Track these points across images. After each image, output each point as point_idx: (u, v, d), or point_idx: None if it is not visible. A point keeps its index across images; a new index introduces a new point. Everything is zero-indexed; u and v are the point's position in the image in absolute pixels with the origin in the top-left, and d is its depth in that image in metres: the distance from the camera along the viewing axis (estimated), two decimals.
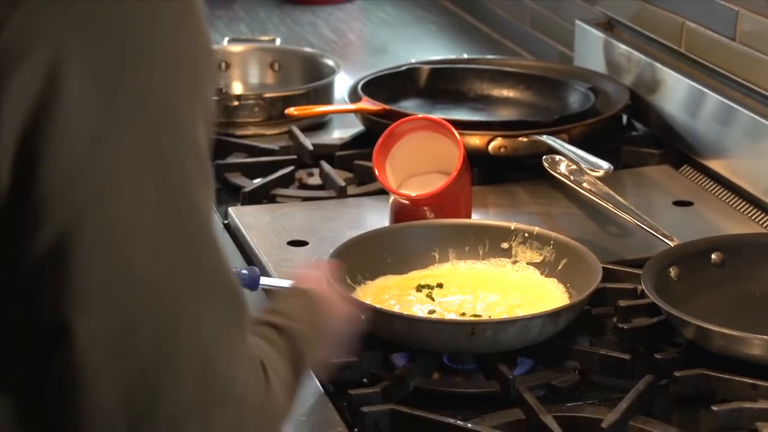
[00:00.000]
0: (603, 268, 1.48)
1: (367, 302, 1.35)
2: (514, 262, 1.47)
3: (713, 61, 1.83)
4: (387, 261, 1.45)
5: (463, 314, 1.37)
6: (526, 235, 1.48)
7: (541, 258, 1.46)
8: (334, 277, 1.25)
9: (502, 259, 1.48)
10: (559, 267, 1.44)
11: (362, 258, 1.42)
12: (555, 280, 1.44)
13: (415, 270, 1.46)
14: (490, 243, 1.48)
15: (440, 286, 1.42)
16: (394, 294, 1.40)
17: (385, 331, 1.32)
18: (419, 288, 1.41)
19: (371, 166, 1.57)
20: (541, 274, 1.45)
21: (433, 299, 1.39)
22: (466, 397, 1.29)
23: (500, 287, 1.42)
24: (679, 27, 1.90)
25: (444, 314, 1.37)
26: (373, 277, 1.43)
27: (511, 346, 1.31)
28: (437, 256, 1.48)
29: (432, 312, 1.37)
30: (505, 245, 1.48)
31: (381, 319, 1.32)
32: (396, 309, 1.37)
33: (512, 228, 1.49)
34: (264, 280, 1.38)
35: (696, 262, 1.44)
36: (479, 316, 1.36)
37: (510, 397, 1.27)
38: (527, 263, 1.47)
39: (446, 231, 1.49)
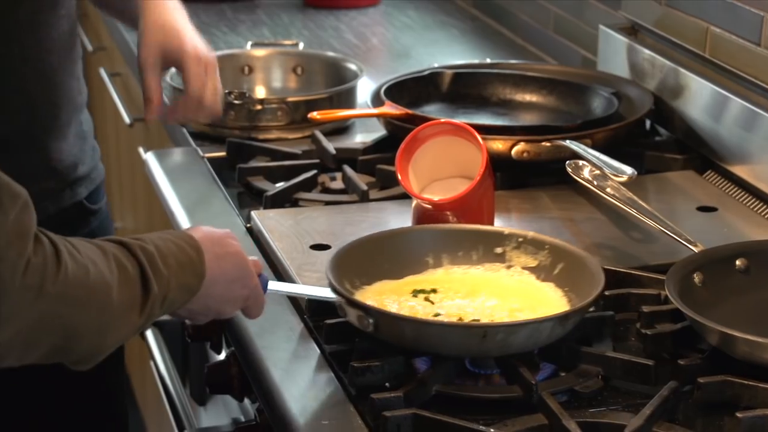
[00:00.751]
0: (626, 274, 1.48)
1: (374, 305, 1.34)
2: (509, 267, 1.47)
3: (738, 66, 1.82)
4: (383, 266, 1.44)
5: (460, 319, 1.36)
6: (520, 239, 1.47)
7: (536, 263, 1.45)
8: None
9: (496, 264, 1.47)
10: (556, 271, 1.43)
11: (359, 263, 1.42)
12: (552, 284, 1.43)
13: (410, 275, 1.45)
14: (484, 248, 1.48)
15: (434, 291, 1.41)
16: (394, 299, 1.40)
17: (393, 336, 1.32)
18: (415, 293, 1.41)
19: (394, 171, 1.57)
20: (537, 278, 1.44)
21: (432, 303, 1.39)
22: (488, 402, 1.28)
23: (497, 292, 1.42)
24: (703, 32, 1.89)
25: (445, 319, 1.36)
26: (370, 282, 1.42)
27: (520, 348, 1.30)
28: (431, 261, 1.47)
29: (437, 315, 1.36)
30: (499, 250, 1.48)
31: (390, 323, 1.31)
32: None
33: (506, 233, 1.48)
34: (273, 285, 1.37)
35: (720, 268, 1.44)
36: (478, 320, 1.35)
37: (532, 403, 1.26)
38: (522, 268, 1.46)
39: (439, 236, 1.48)
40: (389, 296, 1.40)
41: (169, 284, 1.22)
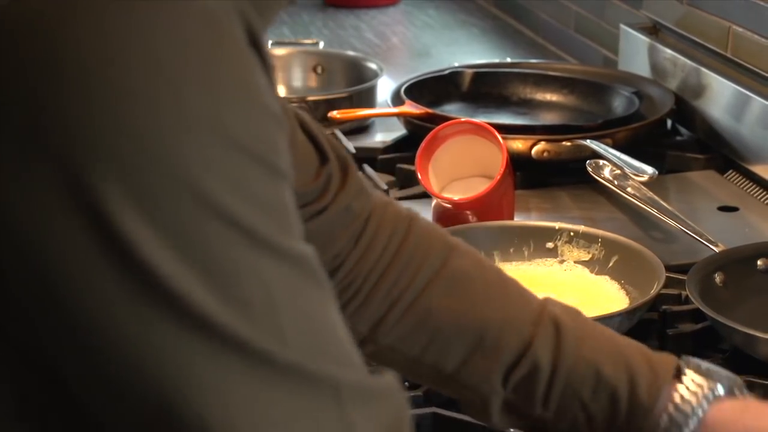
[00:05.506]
0: None
1: None
2: (561, 262, 1.47)
3: (760, 65, 1.81)
4: None
5: None
6: (572, 234, 1.48)
7: (590, 256, 1.46)
8: None
9: (549, 259, 1.48)
10: (610, 264, 1.44)
11: None
12: (607, 277, 1.43)
13: None
14: (535, 243, 1.48)
15: None
16: None
17: None
18: None
19: (414, 170, 1.57)
20: (591, 272, 1.45)
21: None
22: None
23: (554, 287, 1.42)
24: (725, 31, 1.88)
25: None
26: None
27: None
28: None
29: None
30: (550, 245, 1.48)
31: None
32: None
33: (557, 228, 1.49)
34: None
35: (742, 267, 1.43)
36: None
37: None
38: (575, 262, 1.46)
39: (491, 233, 1.49)
40: None
41: None
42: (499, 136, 1.54)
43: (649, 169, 1.62)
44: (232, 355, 0.66)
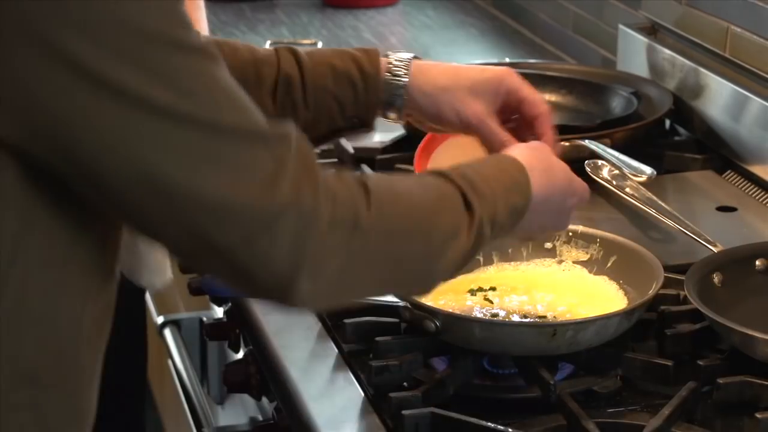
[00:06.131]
0: None
1: (442, 309, 1.34)
2: (560, 262, 1.47)
3: (758, 65, 1.81)
4: None
5: (525, 316, 1.36)
6: (570, 234, 1.48)
7: (588, 256, 1.46)
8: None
9: (547, 259, 1.48)
10: (609, 264, 1.44)
11: None
12: (605, 277, 1.44)
13: (463, 274, 1.44)
14: (534, 244, 1.48)
15: (493, 289, 1.41)
16: (450, 299, 1.39)
17: (461, 338, 1.31)
18: (473, 292, 1.41)
19: (412, 170, 1.57)
20: (590, 272, 1.45)
21: (491, 302, 1.39)
22: (506, 402, 1.28)
23: (553, 287, 1.42)
24: (723, 31, 1.88)
25: (509, 317, 1.36)
26: None
27: (587, 344, 1.30)
28: (481, 260, 1.47)
29: (495, 315, 1.36)
30: (548, 245, 1.48)
31: (458, 324, 1.31)
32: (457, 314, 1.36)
33: None
34: None
35: (740, 268, 1.43)
36: (544, 317, 1.36)
37: (551, 403, 1.26)
38: (573, 262, 1.46)
39: None
40: (446, 296, 1.39)
41: (496, 206, 1.16)
42: None
43: (648, 170, 1.62)
44: (187, 131, 0.95)
